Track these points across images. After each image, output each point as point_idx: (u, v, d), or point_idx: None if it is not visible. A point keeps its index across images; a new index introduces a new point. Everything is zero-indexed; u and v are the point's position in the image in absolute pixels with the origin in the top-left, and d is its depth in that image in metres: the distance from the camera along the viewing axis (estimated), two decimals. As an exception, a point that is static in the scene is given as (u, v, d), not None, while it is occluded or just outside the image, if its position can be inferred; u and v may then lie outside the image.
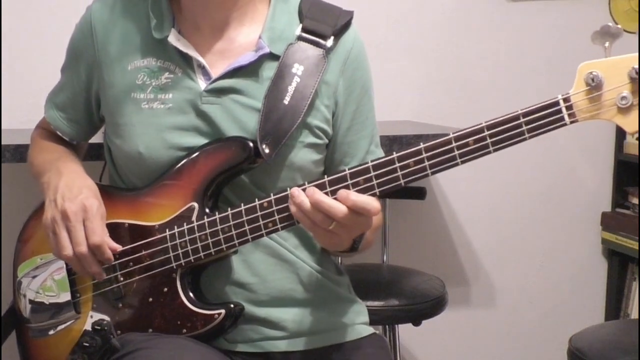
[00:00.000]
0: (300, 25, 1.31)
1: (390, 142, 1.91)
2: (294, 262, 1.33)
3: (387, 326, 2.15)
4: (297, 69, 1.28)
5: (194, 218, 1.26)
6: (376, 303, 1.95)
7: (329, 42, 1.30)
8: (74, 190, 1.26)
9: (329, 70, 1.31)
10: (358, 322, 1.39)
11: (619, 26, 1.14)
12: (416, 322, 2.03)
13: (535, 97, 2.79)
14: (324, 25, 1.32)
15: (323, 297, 1.36)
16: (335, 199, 1.12)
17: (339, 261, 1.82)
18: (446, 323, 2.45)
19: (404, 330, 2.23)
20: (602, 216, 2.73)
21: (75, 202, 1.24)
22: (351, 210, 1.12)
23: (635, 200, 2.64)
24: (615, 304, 2.74)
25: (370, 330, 1.40)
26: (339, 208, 1.12)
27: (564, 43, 2.61)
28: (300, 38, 1.30)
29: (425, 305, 2.01)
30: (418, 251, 2.58)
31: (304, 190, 1.15)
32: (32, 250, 1.39)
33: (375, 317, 1.49)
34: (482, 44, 2.57)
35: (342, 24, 1.33)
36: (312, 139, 1.31)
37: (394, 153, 1.15)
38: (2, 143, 1.78)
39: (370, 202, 1.12)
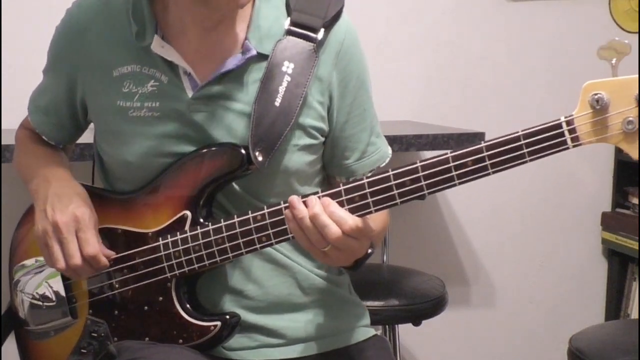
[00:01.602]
0: (289, 19, 1.26)
1: (390, 142, 1.88)
2: (292, 266, 1.30)
3: (387, 326, 2.14)
4: (287, 67, 1.23)
5: (186, 227, 1.23)
6: (376, 303, 1.95)
7: (320, 35, 1.24)
8: (63, 199, 1.23)
9: (321, 65, 1.26)
10: (359, 325, 1.36)
11: (627, 42, 1.07)
12: (416, 322, 2.03)
13: (535, 97, 2.81)
14: (314, 17, 1.25)
15: (323, 300, 1.33)
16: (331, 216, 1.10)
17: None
18: (446, 323, 2.45)
19: (404, 330, 2.23)
20: (602, 216, 2.72)
21: (66, 213, 1.21)
22: (345, 234, 1.10)
23: (635, 200, 2.64)
24: (615, 304, 2.74)
25: (371, 332, 1.38)
26: (334, 229, 1.10)
27: (564, 43, 2.61)
28: (289, 32, 1.24)
29: (425, 305, 2.00)
30: (418, 251, 2.58)
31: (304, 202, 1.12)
32: (27, 252, 1.38)
33: (375, 317, 1.48)
34: (482, 44, 2.56)
35: (332, 14, 1.26)
36: (306, 141, 1.27)
37: (390, 171, 1.11)
38: (2, 143, 1.78)
39: (365, 227, 1.11)
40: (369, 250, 1.19)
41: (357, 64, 1.30)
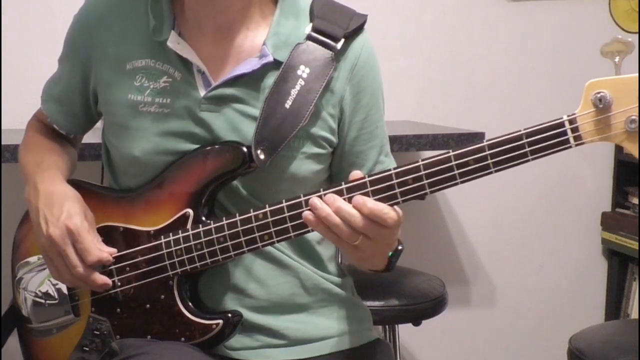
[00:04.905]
0: (311, 25, 1.26)
1: (390, 142, 1.90)
2: (295, 267, 1.29)
3: (387, 326, 2.15)
4: (303, 71, 1.23)
5: (188, 225, 1.23)
6: (376, 303, 1.95)
7: (339, 45, 1.25)
8: (54, 210, 1.23)
9: (335, 77, 1.26)
10: (361, 328, 1.36)
11: (630, 40, 1.06)
12: (416, 322, 2.03)
13: (535, 96, 2.81)
14: (335, 26, 1.26)
15: (326, 301, 1.33)
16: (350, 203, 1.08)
17: (340, 261, 1.82)
18: (446, 323, 2.45)
19: (404, 330, 2.23)
20: (602, 216, 2.72)
21: (59, 226, 1.21)
22: (369, 219, 1.08)
23: (635, 200, 2.64)
24: (615, 304, 2.74)
25: (373, 336, 1.37)
26: (358, 216, 1.08)
27: (564, 43, 2.61)
28: (309, 38, 1.25)
29: (425, 305, 2.01)
30: (418, 251, 2.58)
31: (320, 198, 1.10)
32: (30, 249, 1.38)
33: (375, 317, 1.48)
34: (482, 44, 2.57)
35: (354, 27, 1.27)
36: (314, 150, 1.27)
37: (392, 169, 1.11)
38: (2, 143, 1.78)
39: (387, 211, 1.08)
40: (399, 247, 1.19)
41: (371, 80, 1.30)
